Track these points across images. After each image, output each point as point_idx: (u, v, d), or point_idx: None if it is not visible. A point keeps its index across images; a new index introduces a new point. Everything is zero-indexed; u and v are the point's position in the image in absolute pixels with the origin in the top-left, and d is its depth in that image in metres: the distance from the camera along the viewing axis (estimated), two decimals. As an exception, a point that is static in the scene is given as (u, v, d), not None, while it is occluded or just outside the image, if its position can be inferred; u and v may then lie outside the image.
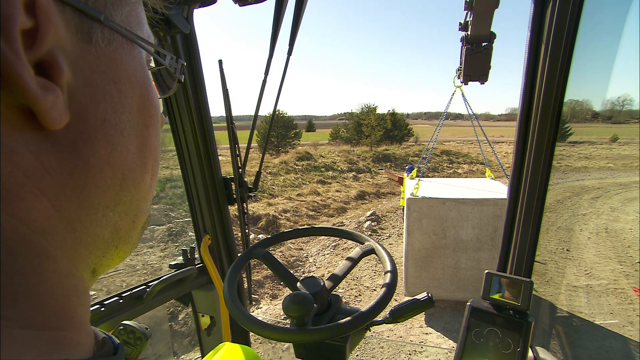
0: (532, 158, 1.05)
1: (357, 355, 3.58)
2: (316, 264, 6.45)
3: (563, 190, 11.63)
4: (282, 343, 3.34)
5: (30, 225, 0.21)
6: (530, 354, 1.05)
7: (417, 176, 5.47)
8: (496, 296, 1.02)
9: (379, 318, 1.02)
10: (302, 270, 6.31)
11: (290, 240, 7.23)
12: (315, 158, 17.43)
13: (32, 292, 0.21)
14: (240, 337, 1.65)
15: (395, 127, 30.48)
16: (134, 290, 1.25)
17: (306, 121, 79.06)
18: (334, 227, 1.22)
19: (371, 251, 1.07)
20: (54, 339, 0.22)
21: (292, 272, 1.07)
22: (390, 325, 4.13)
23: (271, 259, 1.10)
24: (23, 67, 0.19)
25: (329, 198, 11.66)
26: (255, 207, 9.78)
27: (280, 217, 9.36)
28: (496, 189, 4.80)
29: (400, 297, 4.64)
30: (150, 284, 1.29)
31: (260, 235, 7.77)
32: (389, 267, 0.97)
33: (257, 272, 6.03)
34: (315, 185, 13.26)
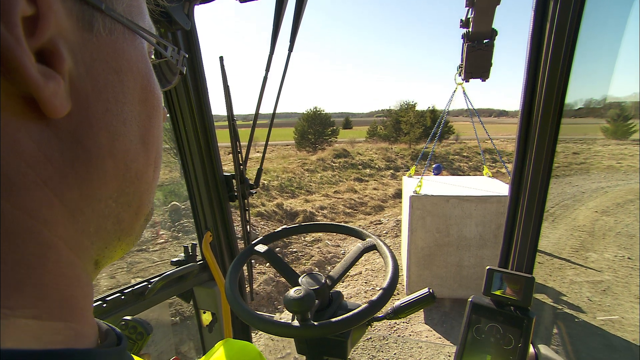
0: (534, 154, 1.04)
1: (394, 354, 3.54)
2: (354, 261, 6.30)
3: (624, 192, 10.44)
4: (284, 339, 3.35)
5: (33, 215, 0.21)
6: (531, 350, 1.05)
7: (417, 174, 5.45)
8: (497, 292, 1.02)
9: (380, 314, 1.02)
10: (339, 267, 6.19)
11: (328, 237, 7.17)
12: (352, 155, 17.17)
13: (35, 283, 0.21)
14: (241, 333, 1.66)
15: (434, 125, 29.35)
16: (135, 287, 1.25)
17: (343, 118, 77.10)
18: (337, 223, 1.22)
19: (372, 247, 1.08)
20: (57, 330, 0.22)
21: (329, 268, 1.06)
22: (428, 326, 4.09)
23: (272, 255, 1.11)
24: (24, 53, 0.19)
25: (366, 196, 11.46)
26: (292, 204, 9.74)
27: (317, 213, 9.27)
28: (495, 186, 4.79)
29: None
30: (152, 281, 1.30)
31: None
32: (390, 263, 0.97)
33: (295, 267, 6.00)
34: (352, 183, 13.08)
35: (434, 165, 6.45)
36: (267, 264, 6.00)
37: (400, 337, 3.80)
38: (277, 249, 6.62)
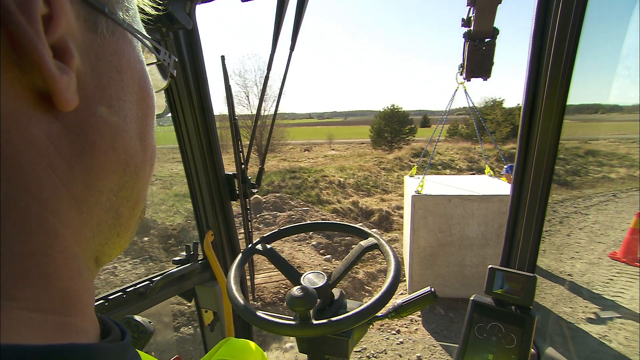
0: (536, 154, 1.04)
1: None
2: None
3: None
4: (286, 338, 3.36)
5: (43, 203, 0.21)
6: (533, 349, 1.05)
7: (419, 174, 5.43)
8: (499, 291, 1.02)
9: (381, 313, 1.02)
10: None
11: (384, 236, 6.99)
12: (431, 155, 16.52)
13: (41, 273, 0.21)
14: (243, 332, 1.66)
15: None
16: (137, 286, 1.25)
17: (421, 116, 72.41)
18: (340, 222, 1.22)
19: (374, 246, 1.07)
20: (59, 324, 0.22)
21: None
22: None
23: (274, 254, 1.11)
24: (44, 48, 0.20)
25: (446, 197, 10.91)
26: (368, 202, 9.46)
27: (393, 213, 8.95)
28: (496, 185, 4.77)
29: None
30: (154, 280, 1.30)
31: (372, 230, 7.16)
32: (392, 262, 0.97)
33: (371, 265, 5.83)
34: (431, 184, 12.56)
35: (506, 166, 6.05)
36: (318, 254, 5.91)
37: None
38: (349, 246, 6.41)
